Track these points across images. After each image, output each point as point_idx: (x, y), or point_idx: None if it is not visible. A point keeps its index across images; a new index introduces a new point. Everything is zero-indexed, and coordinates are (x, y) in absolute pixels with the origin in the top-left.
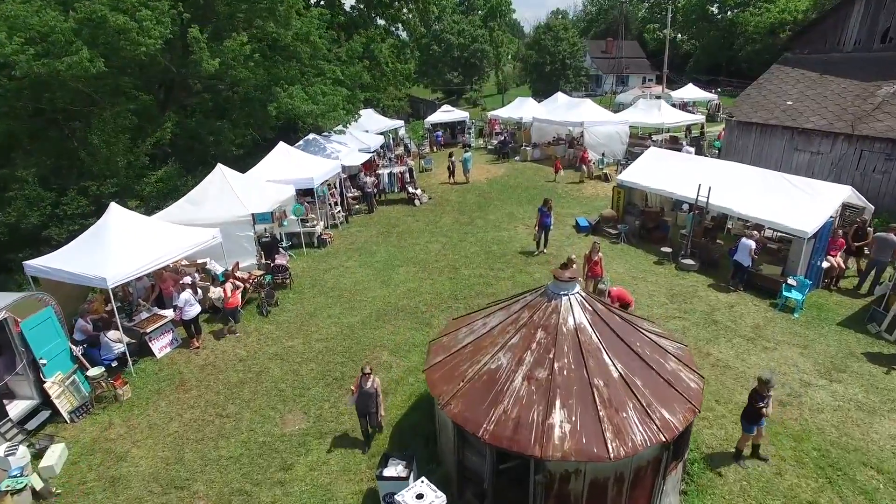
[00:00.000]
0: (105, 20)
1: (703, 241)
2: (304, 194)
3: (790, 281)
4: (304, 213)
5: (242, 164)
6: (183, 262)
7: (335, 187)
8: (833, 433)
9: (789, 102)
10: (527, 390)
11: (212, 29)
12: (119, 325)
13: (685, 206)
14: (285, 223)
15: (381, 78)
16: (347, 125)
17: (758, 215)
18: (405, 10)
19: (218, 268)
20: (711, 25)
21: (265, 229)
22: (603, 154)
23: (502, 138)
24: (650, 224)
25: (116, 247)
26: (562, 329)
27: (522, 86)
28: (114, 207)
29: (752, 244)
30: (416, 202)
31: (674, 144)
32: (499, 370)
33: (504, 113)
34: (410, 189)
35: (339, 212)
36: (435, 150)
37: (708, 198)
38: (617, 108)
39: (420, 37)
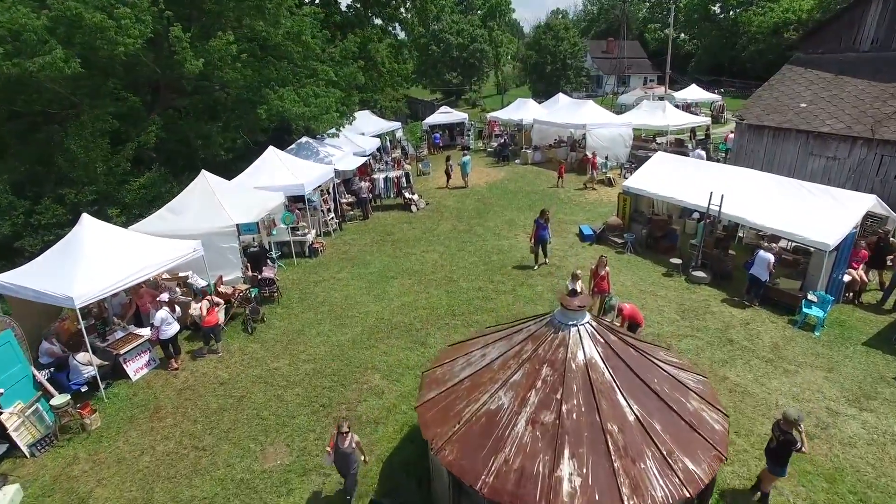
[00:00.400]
0: (80, 18)
1: (714, 253)
2: (296, 201)
3: (810, 297)
4: (294, 222)
5: (233, 168)
6: (164, 276)
7: (328, 193)
8: (870, 472)
9: (803, 105)
10: (531, 436)
11: (199, 28)
12: (89, 346)
13: (695, 215)
14: (274, 232)
15: (378, 79)
16: (341, 128)
17: (775, 226)
18: (402, 10)
19: (200, 282)
20: (713, 25)
21: (253, 238)
22: (606, 157)
23: (502, 141)
24: (658, 233)
25: (87, 262)
26: (570, 365)
27: (522, 86)
28: (86, 219)
29: (771, 257)
30: (413, 208)
31: (679, 147)
32: (499, 412)
33: (504, 114)
34: (407, 194)
35: (332, 219)
36: (433, 152)
37: (720, 206)
38: (619, 109)
39: (419, 36)
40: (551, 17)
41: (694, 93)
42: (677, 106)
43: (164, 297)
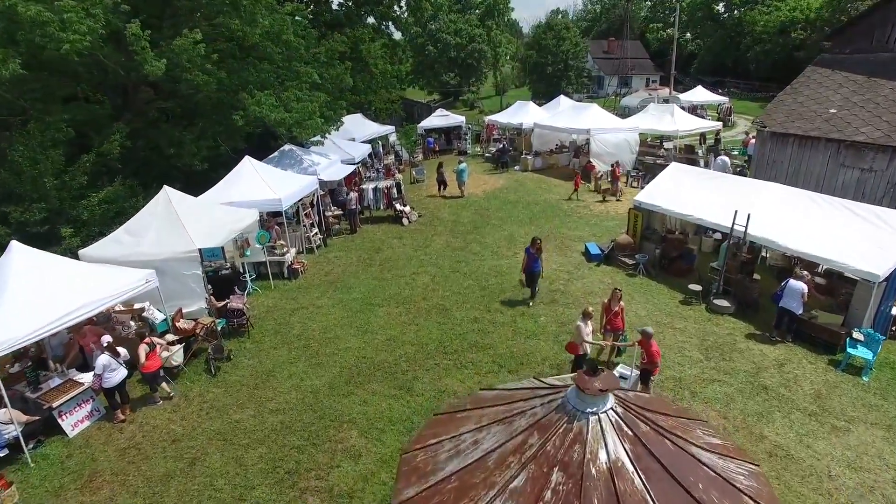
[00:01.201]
0: (13, 10)
1: (738, 278)
2: (276, 216)
3: (856, 335)
4: (270, 241)
5: (213, 179)
6: (118, 308)
7: (312, 206)
8: None
9: (833, 110)
10: None
11: (171, 26)
12: (7, 401)
13: (716, 235)
14: (248, 253)
15: (371, 81)
16: (326, 135)
17: (812, 251)
18: (396, 7)
19: (158, 315)
20: (717, 25)
21: (226, 260)
22: (614, 164)
23: (501, 146)
24: (673, 253)
25: (14, 299)
26: (589, 470)
27: (522, 87)
28: (15, 247)
29: (804, 287)
30: (405, 221)
31: (690, 154)
32: None
33: (502, 118)
34: (398, 206)
35: (315, 234)
36: (429, 157)
37: (746, 227)
38: (622, 111)
39: (416, 36)
40: (551, 16)
41: (700, 94)
42: (683, 108)
43: (106, 339)
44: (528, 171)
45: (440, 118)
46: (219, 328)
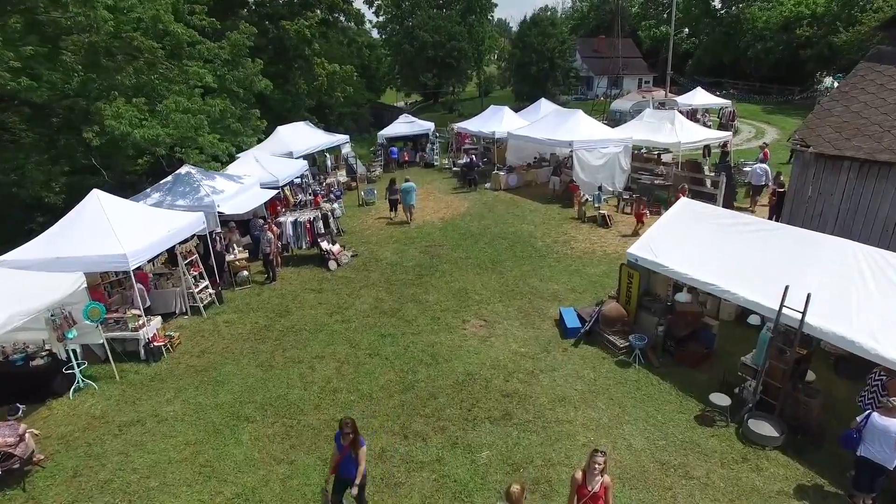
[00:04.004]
0: None
1: (787, 388)
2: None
3: None
4: (103, 317)
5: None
6: None
7: (194, 252)
8: None
9: None
10: None
11: None
12: None
13: (753, 318)
14: (70, 335)
15: (312, 83)
16: (228, 154)
17: None
18: None
19: None
20: (715, 21)
21: (44, 343)
22: (600, 188)
23: (468, 159)
24: (682, 331)
25: None
26: None
27: (507, 88)
28: None
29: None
30: (332, 264)
31: (695, 173)
32: None
33: (473, 125)
34: (324, 245)
35: (202, 289)
36: (393, 170)
37: (804, 315)
38: (614, 116)
39: (392, 34)
40: (538, 12)
41: (700, 97)
42: (681, 112)
43: None
44: (501, 190)
45: (405, 124)
46: None
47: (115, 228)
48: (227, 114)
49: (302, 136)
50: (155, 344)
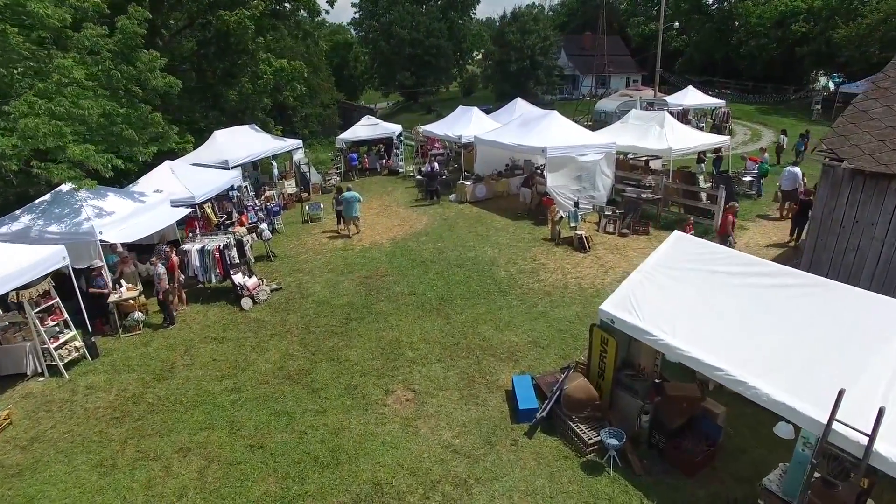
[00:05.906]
0: None
1: None
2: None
3: None
4: None
5: None
6: None
7: (48, 295)
8: None
9: None
10: None
11: None
12: None
13: (785, 429)
14: None
15: (256, 81)
16: (114, 167)
17: None
18: None
19: None
20: (705, 17)
21: None
22: (576, 203)
23: (430, 168)
24: (675, 421)
25: None
26: None
27: (490, 87)
28: None
29: None
30: (247, 302)
31: (689, 185)
32: None
33: (438, 128)
34: (237, 278)
35: (64, 343)
36: (353, 178)
37: (873, 439)
38: (598, 117)
39: (368, 30)
40: (523, 8)
41: (691, 97)
42: (672, 113)
43: None
44: (467, 203)
45: (367, 127)
46: None
47: None
48: (115, 118)
49: (242, 142)
50: None
